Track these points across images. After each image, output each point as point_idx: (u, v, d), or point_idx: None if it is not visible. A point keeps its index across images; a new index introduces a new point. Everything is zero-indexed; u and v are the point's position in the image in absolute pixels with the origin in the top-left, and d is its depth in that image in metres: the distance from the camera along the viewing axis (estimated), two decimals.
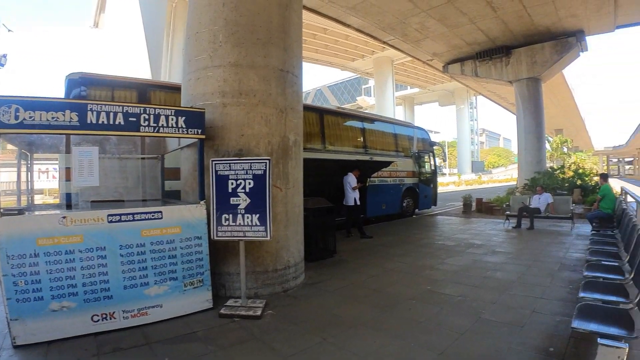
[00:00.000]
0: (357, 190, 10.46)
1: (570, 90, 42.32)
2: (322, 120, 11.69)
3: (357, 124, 13.37)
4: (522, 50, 19.73)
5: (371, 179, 12.91)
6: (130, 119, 4.52)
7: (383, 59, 52.59)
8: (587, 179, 19.63)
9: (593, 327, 3.06)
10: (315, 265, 7.24)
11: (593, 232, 8.13)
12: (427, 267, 7.09)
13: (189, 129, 4.90)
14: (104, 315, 4.23)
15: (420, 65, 56.49)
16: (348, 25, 19.09)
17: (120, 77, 8.55)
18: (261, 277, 5.49)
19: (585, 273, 4.62)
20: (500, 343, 3.91)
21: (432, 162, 16.83)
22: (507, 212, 12.43)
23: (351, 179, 10.42)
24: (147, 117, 4.63)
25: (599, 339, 2.81)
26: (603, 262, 5.11)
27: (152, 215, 4.64)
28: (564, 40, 18.55)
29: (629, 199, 10.66)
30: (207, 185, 5.05)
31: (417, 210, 15.92)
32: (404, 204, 14.96)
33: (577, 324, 3.10)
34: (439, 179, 19.86)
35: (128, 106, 4.53)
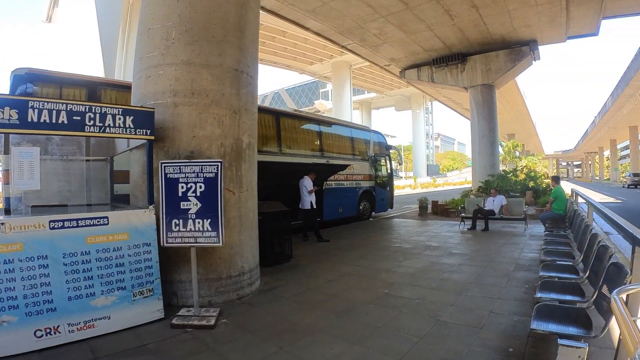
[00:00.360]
0: (313, 194, 10.33)
1: (523, 97, 43.61)
2: (278, 122, 11.53)
3: (313, 127, 13.27)
4: (478, 58, 20.10)
5: (328, 182, 12.83)
6: (74, 117, 4.24)
7: (341, 63, 52.83)
8: (538, 181, 20.24)
9: (552, 327, 3.07)
10: (272, 270, 7.06)
11: (546, 232, 8.33)
12: (384, 270, 7.03)
13: (137, 130, 4.64)
14: (48, 330, 3.90)
15: (377, 70, 56.99)
16: (307, 29, 18.91)
17: (69, 74, 8.04)
18: (215, 285, 5.27)
19: (541, 273, 4.67)
20: (459, 345, 3.87)
21: (389, 166, 16.93)
22: (463, 214, 12.62)
23: (307, 183, 10.28)
24: (92, 116, 4.36)
25: (559, 339, 2.82)
26: (558, 262, 5.18)
27: (98, 221, 4.34)
28: (518, 49, 19.06)
29: (580, 200, 11.03)
30: (156, 189, 4.81)
31: (373, 213, 15.97)
32: (361, 207, 14.95)
33: (536, 324, 3.09)
34: (396, 182, 19.99)
35: (72, 104, 4.26)
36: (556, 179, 10.84)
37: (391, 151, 17.54)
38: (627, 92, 40.26)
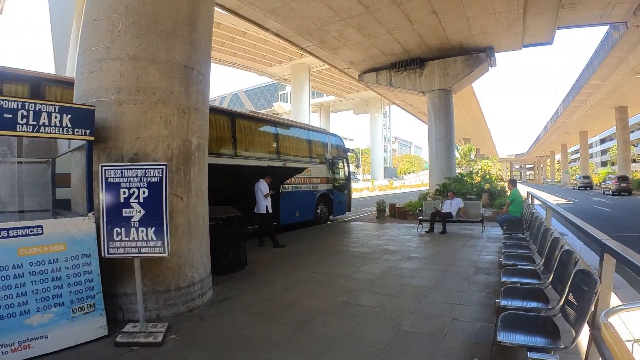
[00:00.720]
0: (269, 198, 10.02)
1: (478, 102, 44.69)
2: (233, 124, 11.15)
3: (270, 129, 12.95)
4: (436, 63, 20.27)
5: (284, 185, 12.53)
6: (5, 115, 3.81)
7: (301, 66, 52.59)
8: (493, 184, 20.48)
9: (519, 338, 2.95)
10: (225, 279, 6.71)
11: (505, 235, 8.32)
12: (342, 277, 6.80)
13: (76, 129, 4.22)
14: None
15: (337, 73, 57.13)
16: (267, 29, 18.52)
17: (10, 69, 7.31)
18: (162, 297, 4.88)
19: (503, 279, 4.56)
20: (423, 356, 3.71)
21: (346, 169, 16.80)
22: (420, 217, 12.58)
23: (263, 186, 9.96)
24: (25, 113, 3.92)
25: (528, 352, 2.74)
26: (519, 266, 5.11)
27: (31, 231, 3.90)
28: (475, 55, 19.33)
29: (536, 202, 11.20)
30: (97, 195, 4.40)
31: (331, 216, 15.80)
32: (318, 211, 14.76)
33: (502, 336, 2.94)
34: (354, 185, 19.86)
35: (2, 100, 3.81)
36: (513, 182, 10.93)
37: (349, 154, 17.44)
38: (578, 99, 42.05)
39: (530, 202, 10.77)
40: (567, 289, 3.22)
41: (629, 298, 4.68)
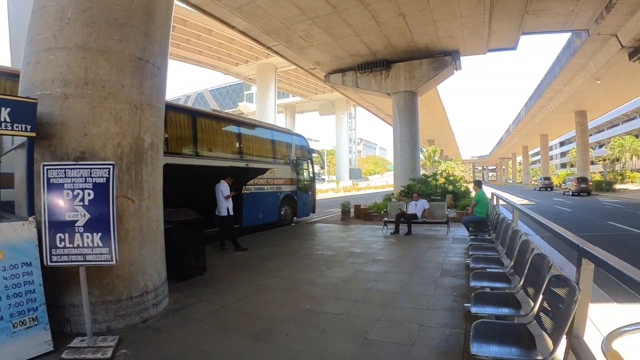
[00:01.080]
0: (230, 200, 9.63)
1: (443, 105, 45.32)
2: (194, 123, 10.74)
3: (233, 128, 12.56)
4: (402, 65, 20.28)
5: (247, 186, 12.18)
6: None
7: (267, 66, 52.10)
8: (457, 185, 20.70)
9: (494, 350, 2.74)
10: (183, 285, 6.33)
11: (471, 237, 8.30)
12: (305, 282, 6.53)
13: (15, 125, 3.79)
14: None
15: (303, 74, 56.94)
16: (233, 27, 18.09)
17: None
18: (113, 308, 4.49)
19: (473, 283, 4.42)
20: None
21: (311, 170, 16.57)
22: (385, 219, 12.50)
23: (224, 187, 9.57)
24: None
25: None
26: (488, 270, 4.98)
27: None
28: (441, 59, 19.47)
29: (501, 202, 11.34)
30: (39, 197, 3.95)
31: (295, 218, 15.52)
32: (282, 213, 14.46)
33: (476, 348, 2.73)
34: (319, 186, 19.67)
35: None
36: (478, 183, 10.88)
37: (314, 155, 17.23)
38: (539, 103, 43.31)
39: (495, 203, 10.81)
40: (542, 295, 3.10)
41: (597, 299, 4.59)
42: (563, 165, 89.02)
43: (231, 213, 9.63)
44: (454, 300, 5.32)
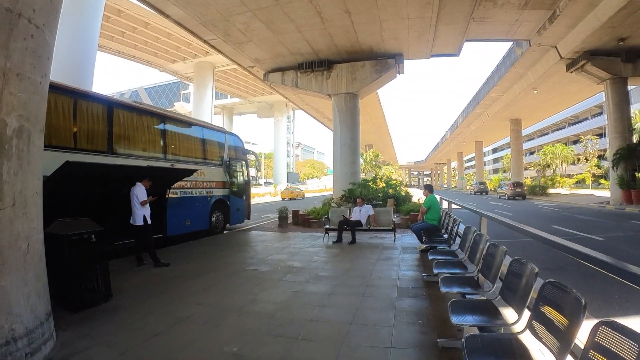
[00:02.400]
0: (147, 206, 8.07)
1: (383, 110, 45.16)
2: (110, 114, 9.09)
3: (157, 123, 10.91)
4: (344, 66, 19.60)
5: (173, 190, 10.64)
6: None
7: (205, 64, 50.19)
8: (397, 189, 20.12)
9: None
10: (79, 318, 4.83)
11: (430, 249, 7.43)
12: (234, 310, 5.17)
13: None
14: None
15: (242, 74, 55.56)
16: (167, 16, 16.58)
17: None
18: None
19: (455, 320, 3.32)
20: None
21: (246, 172, 15.16)
22: (327, 226, 11.31)
23: (139, 191, 7.94)
24: None
25: None
26: (468, 297, 4.14)
27: None
28: (384, 61, 19.00)
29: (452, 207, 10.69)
30: None
31: (228, 225, 14.05)
32: (213, 219, 12.95)
33: None
34: (256, 190, 18.28)
35: None
36: (429, 188, 9.84)
37: (249, 156, 15.82)
38: (477, 111, 44.81)
39: (447, 209, 10.00)
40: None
41: None
42: (495, 171, 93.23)
43: (148, 222, 8.03)
44: (422, 332, 4.26)
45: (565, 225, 14.51)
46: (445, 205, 11.20)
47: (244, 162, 15.03)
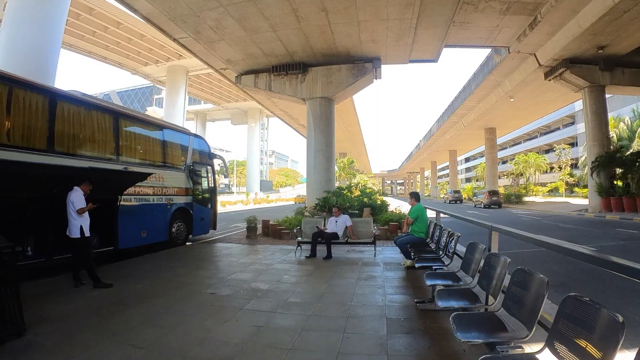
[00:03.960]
0: (86, 215, 6.75)
1: (358, 118, 44.34)
2: (52, 107, 7.76)
3: (109, 120, 9.45)
4: (320, 70, 18.57)
5: (126, 196, 9.35)
6: None
7: (178, 68, 48.71)
8: (373, 197, 19.21)
9: None
10: None
11: (419, 264, 6.30)
12: (176, 356, 3.91)
13: None
14: None
15: (216, 80, 54.25)
16: (135, 10, 15.37)
17: None
18: None
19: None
20: None
21: (211, 178, 13.89)
22: (299, 239, 10.15)
23: (76, 197, 6.59)
24: None
25: None
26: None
27: None
28: (361, 65, 18.08)
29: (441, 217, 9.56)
30: None
31: (191, 236, 12.68)
32: (174, 230, 11.59)
33: None
34: (227, 198, 16.96)
35: None
36: (416, 196, 8.66)
37: (215, 161, 14.51)
38: (452, 120, 44.72)
39: (435, 220, 8.77)
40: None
41: None
42: (468, 180, 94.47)
43: (86, 234, 6.69)
44: None
45: (549, 235, 13.43)
46: (431, 214, 9.78)
47: (209, 167, 13.75)
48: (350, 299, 5.87)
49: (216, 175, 14.45)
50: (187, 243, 12.32)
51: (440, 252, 6.77)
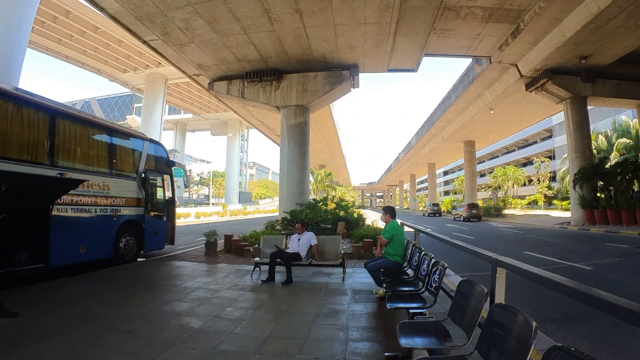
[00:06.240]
0: None
1: (337, 129, 43.45)
2: None
3: (43, 119, 8.14)
4: (295, 77, 17.59)
5: (61, 206, 8.04)
6: None
7: (156, 76, 47.37)
8: (349, 210, 18.24)
9: None
10: None
11: (393, 304, 4.54)
12: None
13: None
14: None
15: (195, 89, 52.98)
16: (102, 9, 14.36)
17: None
18: None
19: None
20: None
21: (169, 188, 12.58)
22: (257, 259, 8.64)
23: None
24: None
25: None
26: None
27: None
28: (338, 73, 17.20)
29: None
30: None
31: (143, 251, 11.22)
32: (122, 245, 10.18)
33: None
34: (202, 209, 15.55)
35: None
36: (391, 211, 7.22)
37: (175, 169, 13.13)
38: (431, 132, 44.23)
39: (414, 243, 6.83)
40: None
41: None
42: (447, 193, 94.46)
43: None
44: None
45: (537, 251, 12.63)
46: (407, 229, 8.39)
47: (167, 175, 12.40)
48: (300, 347, 4.40)
49: (175, 185, 13.06)
50: (139, 259, 10.93)
51: (420, 284, 5.27)
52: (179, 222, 31.26)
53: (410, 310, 4.27)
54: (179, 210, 36.73)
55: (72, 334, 4.76)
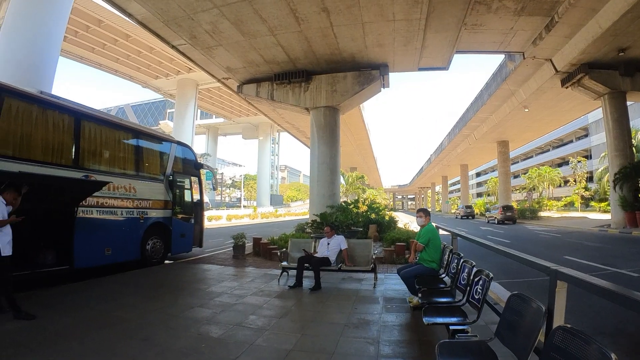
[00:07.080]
0: (7, 230, 5.27)
1: (367, 131, 42.92)
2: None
3: (68, 122, 8.07)
4: (324, 78, 17.23)
5: (86, 208, 7.94)
6: None
7: (187, 81, 48.01)
8: (381, 213, 17.78)
9: None
10: None
11: (430, 318, 3.96)
12: None
13: None
14: None
15: (226, 94, 53.43)
16: (130, 15, 14.41)
17: None
18: None
19: None
20: None
21: (197, 190, 12.44)
22: (284, 263, 8.28)
23: None
24: None
25: None
26: None
27: None
28: (368, 72, 16.68)
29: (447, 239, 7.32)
30: None
31: (170, 254, 11.08)
32: (149, 247, 10.07)
33: None
34: (235, 212, 15.43)
35: None
36: (426, 212, 6.73)
37: (203, 171, 12.92)
38: (463, 132, 43.00)
39: (452, 247, 6.39)
40: None
41: None
42: (479, 195, 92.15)
43: (6, 253, 5.23)
44: None
45: (579, 256, 11.81)
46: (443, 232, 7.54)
47: (194, 177, 12.27)
48: None
49: (203, 187, 12.92)
50: (166, 261, 10.80)
51: (459, 294, 4.70)
52: (210, 224, 31.43)
53: (451, 327, 3.79)
54: (210, 212, 37.08)
55: (85, 338, 4.53)
